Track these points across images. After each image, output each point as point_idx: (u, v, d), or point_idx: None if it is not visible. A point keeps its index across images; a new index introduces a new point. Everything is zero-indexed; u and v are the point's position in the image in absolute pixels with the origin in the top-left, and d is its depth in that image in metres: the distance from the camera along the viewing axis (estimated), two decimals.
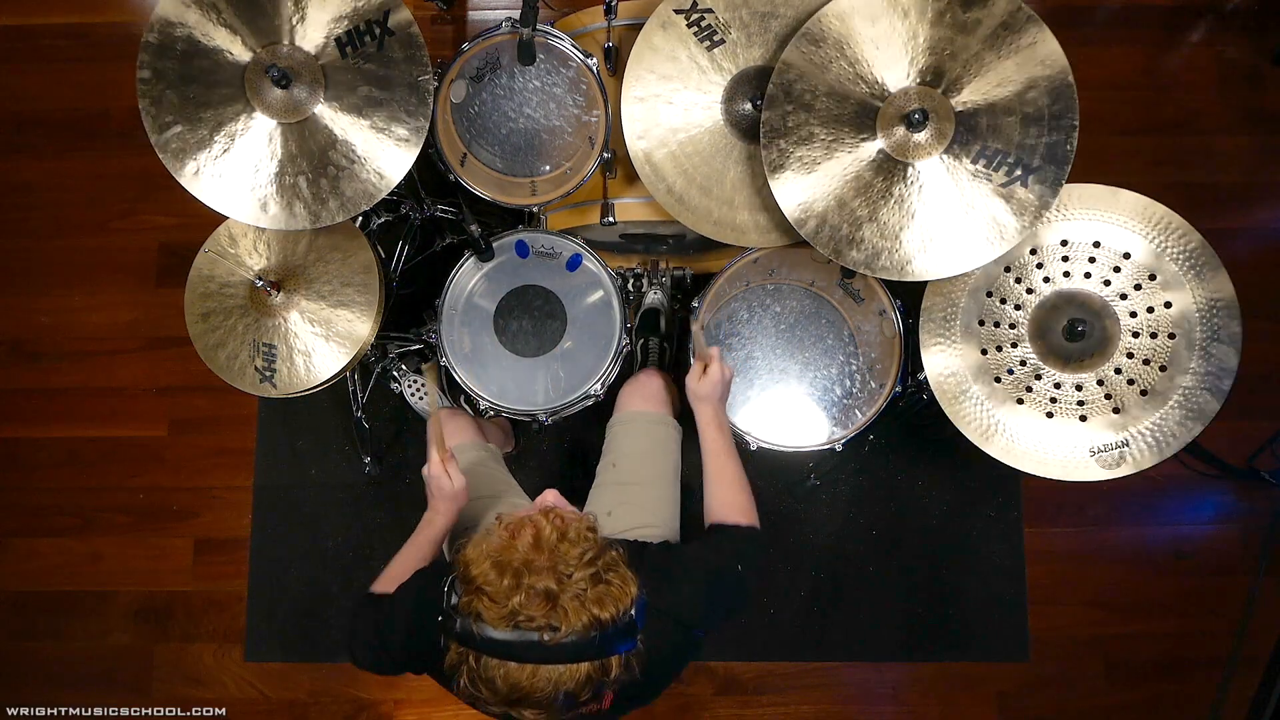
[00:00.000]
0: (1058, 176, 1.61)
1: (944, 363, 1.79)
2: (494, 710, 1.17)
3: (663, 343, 2.44)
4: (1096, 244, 1.76)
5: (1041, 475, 1.74)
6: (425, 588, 1.42)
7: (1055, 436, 1.74)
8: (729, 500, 1.59)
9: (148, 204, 2.78)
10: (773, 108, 1.66)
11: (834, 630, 2.57)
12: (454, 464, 1.59)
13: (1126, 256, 1.75)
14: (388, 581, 1.54)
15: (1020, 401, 1.75)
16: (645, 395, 1.95)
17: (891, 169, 1.66)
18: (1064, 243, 1.77)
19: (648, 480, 1.84)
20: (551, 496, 1.34)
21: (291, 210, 1.72)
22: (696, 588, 1.40)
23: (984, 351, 1.78)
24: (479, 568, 1.14)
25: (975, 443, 1.75)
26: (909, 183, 1.66)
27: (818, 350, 2.05)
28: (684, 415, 2.04)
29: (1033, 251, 1.78)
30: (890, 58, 1.64)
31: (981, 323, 1.78)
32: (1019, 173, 1.62)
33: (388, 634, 1.43)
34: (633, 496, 1.81)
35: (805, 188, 1.67)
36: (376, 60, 1.70)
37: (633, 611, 1.16)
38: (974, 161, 1.64)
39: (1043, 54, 1.61)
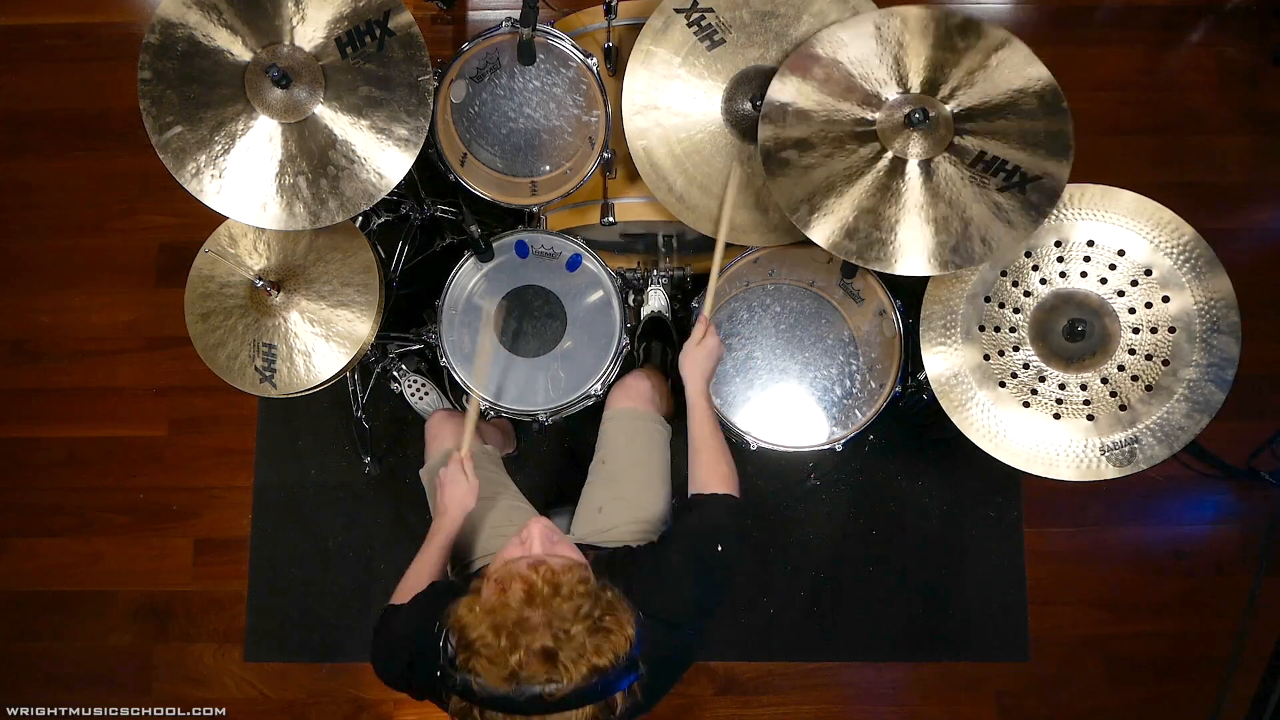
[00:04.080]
0: (1054, 186, 1.62)
1: (948, 371, 1.78)
2: None
3: (664, 346, 2.44)
4: (1090, 243, 1.76)
5: (1054, 478, 1.73)
6: (423, 618, 1.41)
7: (1065, 438, 1.73)
8: (711, 468, 1.59)
9: (148, 204, 2.78)
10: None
11: (834, 630, 2.57)
12: (470, 463, 1.69)
13: (1121, 254, 1.75)
14: (404, 593, 1.55)
15: (1026, 405, 1.75)
16: (632, 394, 1.96)
17: (890, 166, 1.66)
18: (1058, 243, 1.77)
19: (635, 475, 1.85)
20: (538, 530, 1.29)
21: (291, 210, 1.72)
22: (685, 585, 1.40)
23: (986, 357, 1.77)
24: (476, 630, 1.12)
25: (985, 449, 1.75)
26: (905, 181, 1.65)
27: (818, 350, 2.05)
28: (673, 417, 2.05)
29: (1027, 254, 1.78)
30: (892, 66, 1.65)
31: (982, 328, 1.78)
32: (1016, 180, 1.63)
33: (398, 655, 1.43)
34: (621, 492, 1.82)
35: (802, 183, 1.67)
36: (376, 60, 1.70)
37: (633, 648, 1.15)
38: (971, 165, 1.64)
39: (1032, 75, 1.63)
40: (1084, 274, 1.76)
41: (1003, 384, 1.76)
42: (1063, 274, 1.77)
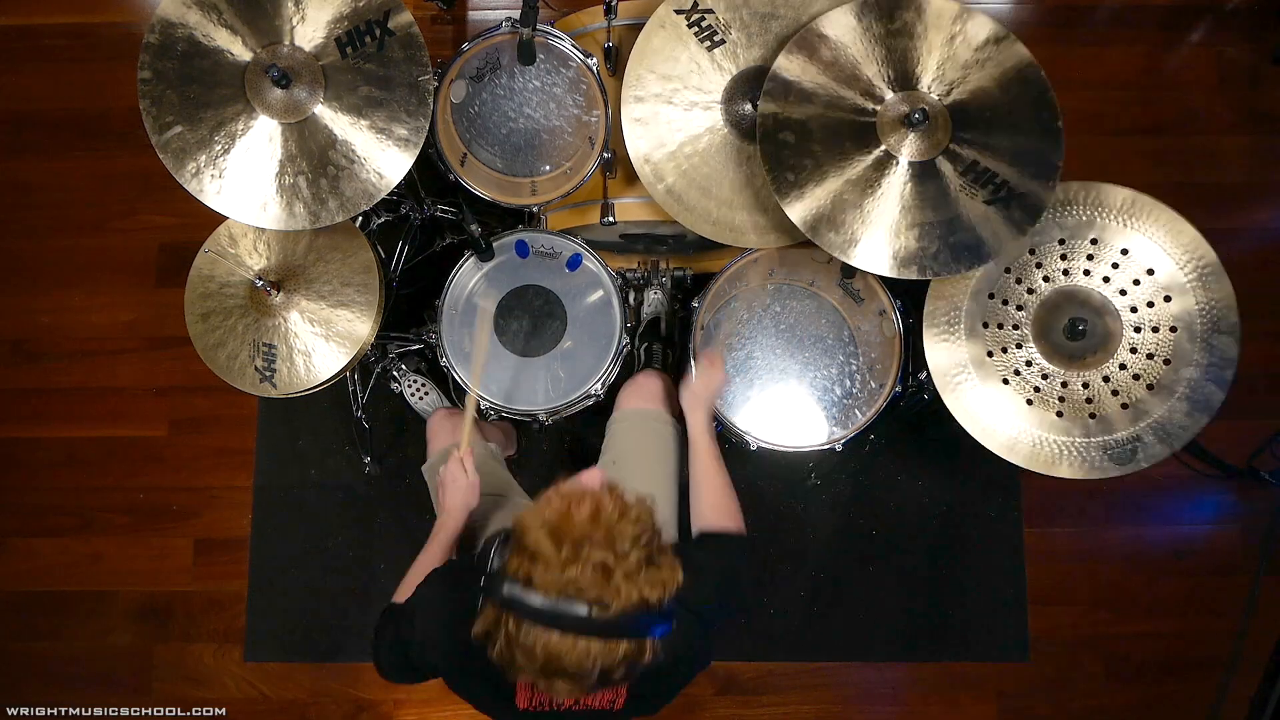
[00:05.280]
0: (1039, 204, 1.63)
1: (951, 367, 1.78)
2: (525, 678, 1.16)
3: (664, 346, 2.44)
4: (1094, 241, 1.76)
5: (1055, 476, 1.73)
6: (442, 591, 1.42)
7: (1066, 436, 1.74)
8: (717, 504, 1.60)
9: (148, 204, 2.78)
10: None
11: (834, 630, 2.57)
12: (470, 459, 1.69)
13: (1124, 253, 1.75)
14: (407, 590, 1.54)
15: (1030, 403, 1.75)
16: (644, 395, 1.95)
17: (885, 163, 1.66)
18: (1061, 241, 1.77)
19: (646, 477, 1.84)
20: (599, 475, 1.32)
21: (291, 210, 1.72)
22: (707, 580, 1.40)
23: (989, 354, 1.78)
24: (535, 534, 1.13)
25: (987, 446, 1.75)
26: (896, 180, 1.65)
27: (818, 350, 2.04)
28: (683, 415, 2.05)
29: (1031, 252, 1.78)
30: (893, 63, 1.65)
31: (985, 325, 1.78)
32: (1003, 194, 1.63)
33: (408, 641, 1.42)
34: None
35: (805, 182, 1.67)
36: (376, 60, 1.70)
37: (676, 594, 1.17)
38: (962, 174, 1.64)
39: (1032, 89, 1.64)
40: (1087, 272, 1.77)
41: (1006, 381, 1.77)
42: (1066, 272, 1.77)
